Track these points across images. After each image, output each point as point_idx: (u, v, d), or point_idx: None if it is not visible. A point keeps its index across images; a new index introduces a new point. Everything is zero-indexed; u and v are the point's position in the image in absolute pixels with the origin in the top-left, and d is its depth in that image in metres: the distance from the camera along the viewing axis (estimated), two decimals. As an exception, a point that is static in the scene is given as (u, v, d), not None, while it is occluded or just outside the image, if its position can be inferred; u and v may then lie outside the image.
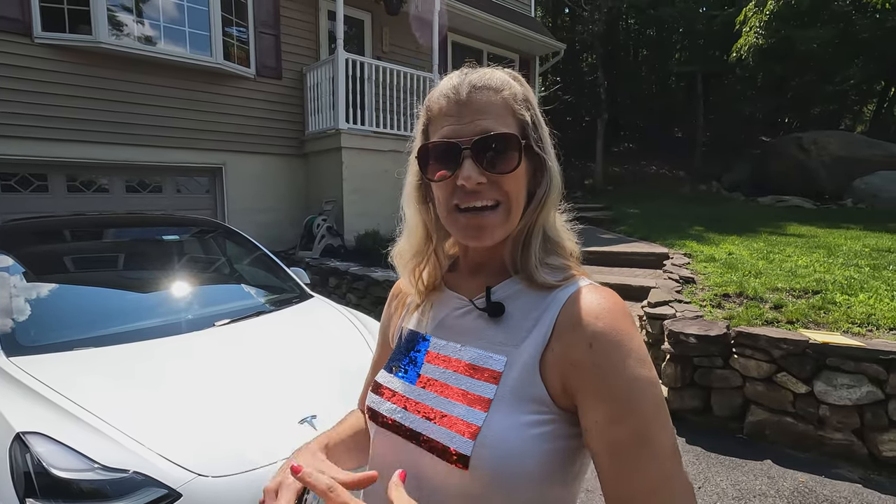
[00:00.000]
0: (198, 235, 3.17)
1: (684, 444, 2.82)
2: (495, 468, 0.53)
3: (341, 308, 2.70)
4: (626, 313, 0.57)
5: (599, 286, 0.61)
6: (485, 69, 0.65)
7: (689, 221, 8.23)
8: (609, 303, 0.57)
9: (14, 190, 5.44)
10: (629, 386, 0.52)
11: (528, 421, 0.54)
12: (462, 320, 0.65)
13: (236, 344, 2.16)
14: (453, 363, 0.62)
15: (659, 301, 3.59)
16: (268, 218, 6.93)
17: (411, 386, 0.64)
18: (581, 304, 0.57)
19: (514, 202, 0.61)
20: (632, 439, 0.50)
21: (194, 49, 6.05)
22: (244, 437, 1.62)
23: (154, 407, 1.66)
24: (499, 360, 0.58)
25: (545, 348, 0.56)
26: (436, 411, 0.59)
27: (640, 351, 0.54)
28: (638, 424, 0.51)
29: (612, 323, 0.55)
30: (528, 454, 0.53)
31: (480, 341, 0.62)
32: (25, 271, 2.33)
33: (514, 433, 0.53)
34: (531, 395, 0.55)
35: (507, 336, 0.60)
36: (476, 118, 0.60)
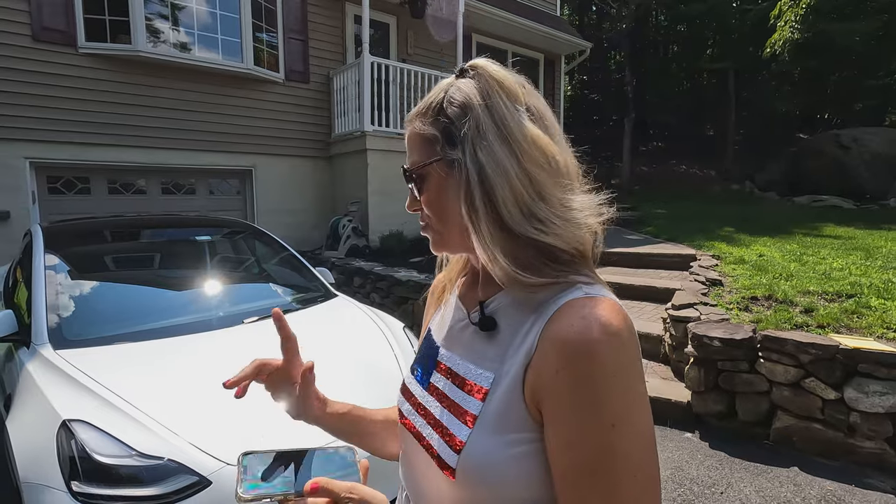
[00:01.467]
0: (228, 236, 3.30)
1: (707, 449, 2.79)
2: (479, 482, 0.55)
3: (364, 307, 2.77)
4: (608, 336, 0.51)
5: (593, 298, 0.54)
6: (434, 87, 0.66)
7: (718, 222, 8.04)
8: (599, 319, 0.51)
9: (59, 192, 5.74)
10: (583, 420, 0.50)
11: (510, 440, 0.55)
12: (462, 333, 0.66)
13: (264, 341, 2.24)
14: (452, 374, 0.64)
15: (683, 303, 3.54)
16: (295, 219, 7.10)
17: (423, 391, 0.68)
18: (561, 323, 0.53)
19: (435, 220, 0.64)
20: (579, 471, 0.50)
21: (226, 55, 6.26)
22: (270, 430, 1.70)
23: (186, 399, 1.76)
24: (487, 378, 0.59)
25: (527, 367, 0.55)
26: (436, 419, 0.62)
27: (605, 378, 0.50)
28: (586, 450, 0.50)
29: (586, 350, 0.50)
30: (509, 471, 0.54)
31: (474, 355, 0.62)
32: (70, 270, 2.48)
33: (496, 451, 0.55)
34: (513, 415, 0.55)
35: (497, 352, 0.59)
36: (409, 150, 0.66)
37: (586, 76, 20.25)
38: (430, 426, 0.63)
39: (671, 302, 3.67)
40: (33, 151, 5.35)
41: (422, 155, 0.63)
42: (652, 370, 3.60)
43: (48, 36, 5.31)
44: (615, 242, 6.87)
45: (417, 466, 0.65)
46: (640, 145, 17.93)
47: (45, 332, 2.08)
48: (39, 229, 2.75)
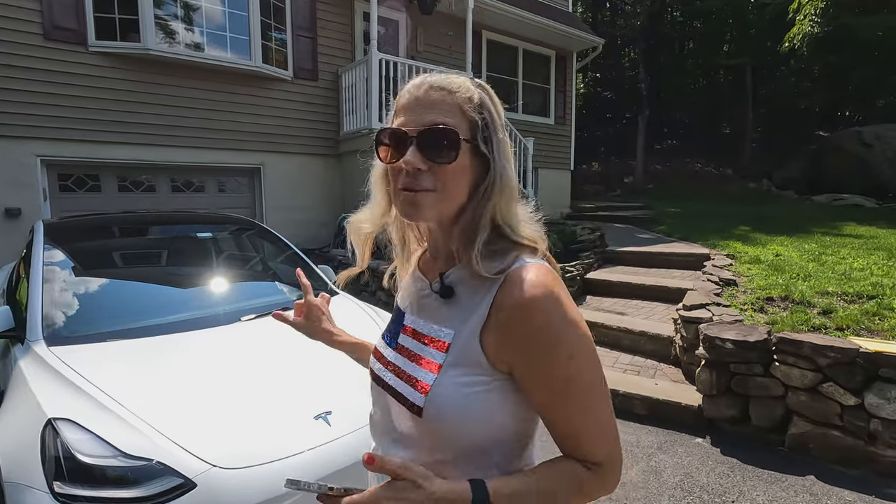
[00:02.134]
0: (229, 233, 3.27)
1: (718, 455, 2.68)
2: (442, 416, 0.67)
3: (363, 305, 2.72)
4: (551, 288, 0.66)
5: (534, 266, 0.68)
6: (450, 75, 0.73)
7: (734, 221, 7.85)
8: (532, 282, 0.66)
9: (70, 190, 5.80)
10: (548, 351, 0.64)
11: (468, 381, 0.67)
12: (425, 300, 0.78)
13: (259, 339, 2.21)
14: (418, 335, 0.76)
15: (695, 304, 3.43)
16: (303, 216, 7.09)
17: (391, 351, 0.79)
18: (510, 285, 0.67)
19: (449, 191, 0.69)
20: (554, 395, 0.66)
21: (235, 53, 6.26)
22: (259, 431, 1.65)
23: (175, 398, 1.72)
24: (448, 334, 0.71)
25: (484, 324, 0.68)
26: (403, 372, 0.74)
27: (558, 320, 0.65)
28: (556, 382, 0.65)
29: (535, 300, 0.64)
30: (468, 407, 0.67)
31: (436, 318, 0.74)
32: (69, 265, 2.46)
33: (456, 390, 0.67)
34: (472, 361, 0.68)
35: (456, 314, 0.72)
36: (426, 112, 0.69)
37: (599, 73, 20.00)
38: (398, 378, 0.74)
39: (682, 302, 3.56)
40: (44, 149, 5.40)
41: (464, 131, 0.69)
42: (662, 372, 3.49)
43: (59, 35, 5.35)
44: (627, 241, 6.74)
45: (390, 416, 0.77)
46: (655, 143, 17.67)
47: (39, 328, 2.06)
48: (41, 225, 2.75)
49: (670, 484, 2.44)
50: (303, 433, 1.68)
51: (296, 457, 1.59)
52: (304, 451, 1.61)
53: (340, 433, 1.72)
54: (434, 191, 0.69)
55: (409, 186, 0.69)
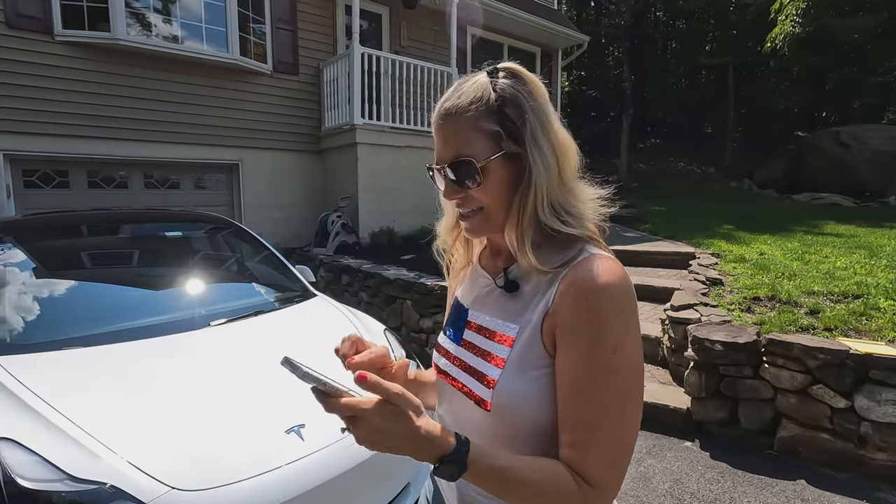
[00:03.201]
0: (201, 232, 3.11)
1: (708, 460, 2.62)
2: (509, 410, 0.69)
3: (342, 307, 2.59)
4: (613, 281, 0.65)
5: (601, 257, 0.68)
6: (464, 85, 0.71)
7: (717, 220, 7.88)
8: (601, 271, 0.65)
9: (36, 186, 5.53)
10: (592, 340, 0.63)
11: (533, 375, 0.68)
12: (489, 296, 0.79)
13: (229, 345, 2.08)
14: (483, 330, 0.77)
15: (683, 304, 3.38)
16: (284, 214, 6.91)
17: (456, 346, 0.80)
18: (574, 274, 0.67)
19: (490, 207, 0.72)
20: (584, 381, 0.63)
21: (211, 45, 6.05)
22: (224, 447, 1.53)
23: (134, 413, 1.58)
24: (513, 328, 0.72)
25: (545, 316, 0.68)
26: (470, 366, 0.75)
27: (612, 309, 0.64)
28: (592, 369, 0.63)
29: (602, 288, 0.64)
30: (533, 399, 0.68)
31: (501, 313, 0.75)
32: (22, 267, 2.29)
33: (521, 384, 0.68)
34: (535, 354, 0.68)
35: (520, 308, 0.72)
36: (446, 145, 0.71)
37: (584, 72, 20.05)
38: (465, 373, 0.76)
39: (670, 302, 3.50)
40: (7, 143, 5.14)
41: (484, 149, 0.69)
42: (650, 374, 3.43)
43: (23, 23, 5.08)
44: (612, 240, 6.68)
45: (457, 409, 0.78)
46: (638, 142, 17.76)
47: (-14, 336, 1.89)
48: (-5, 223, 2.57)
49: (660, 491, 2.37)
50: (273, 448, 1.56)
51: (264, 475, 1.47)
52: (274, 468, 1.49)
53: (314, 448, 1.60)
54: (481, 209, 0.72)
55: (461, 213, 0.75)
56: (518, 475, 0.62)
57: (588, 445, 0.63)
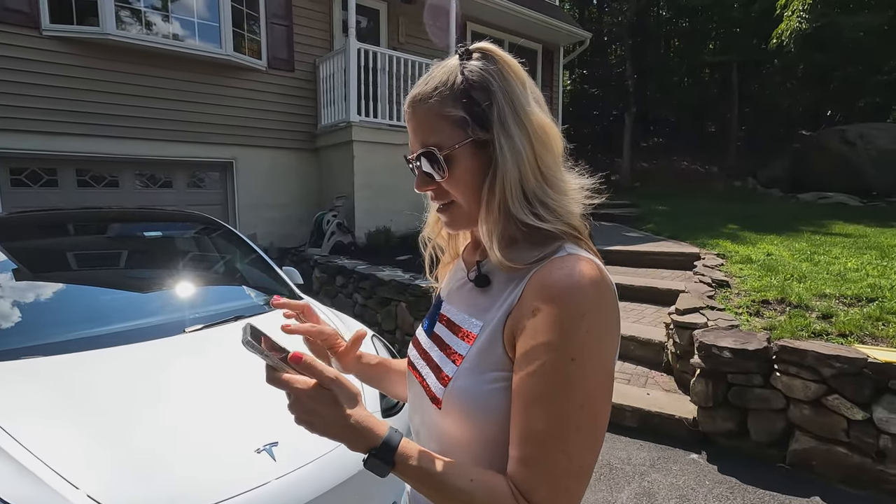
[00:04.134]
0: (183, 232, 2.97)
1: (716, 474, 2.47)
2: (460, 411, 0.63)
3: (327, 311, 2.45)
4: (582, 283, 0.58)
5: (576, 257, 0.61)
6: (434, 70, 0.67)
7: (722, 219, 7.73)
8: (574, 270, 0.59)
9: (24, 185, 5.41)
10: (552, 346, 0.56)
11: (489, 378, 0.62)
12: (462, 289, 0.75)
13: (203, 354, 1.93)
14: (450, 324, 0.72)
15: (688, 308, 3.23)
16: (278, 214, 6.78)
17: (427, 339, 0.76)
18: (542, 273, 0.61)
19: (464, 197, 0.67)
20: (535, 396, 0.56)
21: (203, 41, 5.92)
22: (188, 468, 1.38)
23: (87, 433, 1.43)
24: (476, 325, 0.67)
25: (508, 316, 0.62)
26: (432, 360, 0.72)
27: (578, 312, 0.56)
28: (545, 378, 0.56)
29: (559, 293, 0.58)
30: (487, 403, 0.62)
31: (470, 308, 0.70)
32: (-13, 269, 2.15)
33: (476, 386, 0.63)
34: (494, 357, 0.63)
35: (488, 305, 0.67)
36: (415, 136, 0.67)
37: (586, 70, 19.87)
38: (428, 367, 0.72)
39: (675, 306, 3.35)
40: (-6, 141, 5.01)
41: (449, 136, 0.64)
42: (654, 381, 3.28)
43: (9, 17, 4.95)
44: (614, 240, 6.55)
45: (419, 404, 0.74)
46: (641, 141, 17.58)
47: (-63, 344, 1.76)
48: (-38, 223, 2.43)
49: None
50: (241, 470, 1.42)
51: (230, 501, 1.33)
52: (239, 493, 1.35)
53: (287, 469, 1.46)
54: (454, 201, 0.68)
55: (437, 206, 0.71)
56: (451, 482, 0.58)
57: (535, 463, 0.56)
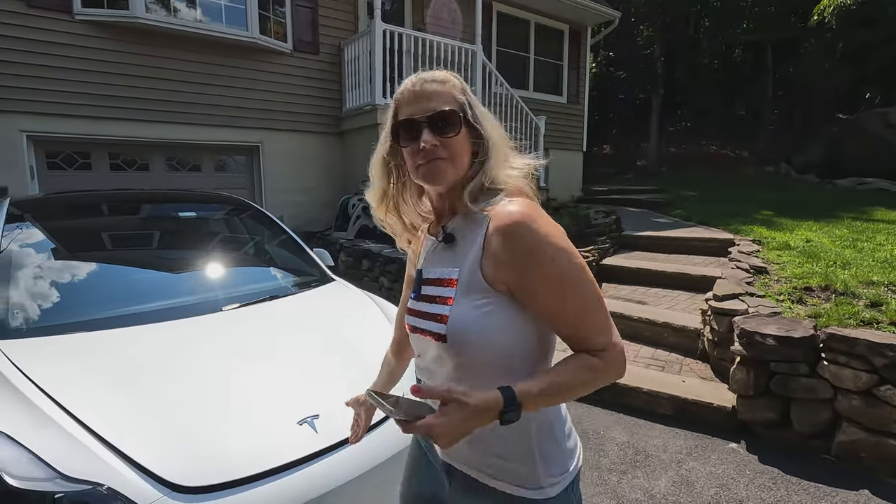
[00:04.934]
0: (217, 213, 2.98)
1: (757, 464, 2.41)
2: (461, 337, 0.82)
3: (361, 292, 2.44)
4: (528, 213, 0.80)
5: (515, 200, 0.84)
6: (435, 71, 0.90)
7: (754, 205, 7.48)
8: (512, 210, 0.81)
9: (60, 168, 5.52)
10: (537, 260, 0.79)
11: (476, 304, 0.82)
12: (434, 253, 0.93)
13: (241, 331, 1.94)
14: (433, 281, 0.90)
15: (727, 294, 3.13)
16: (304, 198, 6.80)
17: (417, 301, 0.93)
18: (496, 217, 0.82)
19: (457, 156, 0.86)
20: (550, 294, 0.79)
21: (230, 23, 5.91)
22: (231, 441, 1.39)
23: (134, 404, 1.45)
24: (455, 272, 0.86)
25: (481, 256, 0.83)
26: (427, 313, 0.89)
27: (539, 234, 0.79)
28: (548, 282, 0.79)
29: (516, 224, 0.80)
30: (482, 325, 0.81)
31: (446, 262, 0.89)
32: (31, 248, 2.19)
33: (468, 311, 0.82)
34: (477, 288, 0.83)
35: (459, 255, 0.87)
36: (428, 102, 0.85)
37: (612, 52, 19.33)
38: (425, 320, 0.89)
39: (713, 292, 3.25)
40: (30, 124, 5.12)
41: (458, 110, 0.87)
42: (688, 368, 3.21)
43: (43, 2, 5.01)
44: (643, 226, 6.40)
45: (426, 356, 0.92)
46: (668, 125, 17.11)
47: (-11, 318, 1.80)
48: (6, 203, 2.48)
49: (705, 498, 2.17)
50: (284, 442, 1.42)
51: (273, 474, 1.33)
52: (283, 464, 1.36)
53: (328, 441, 1.45)
54: (447, 159, 0.85)
55: (426, 158, 0.84)
56: (559, 381, 0.78)
57: (582, 326, 0.80)
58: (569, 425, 0.93)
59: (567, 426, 0.92)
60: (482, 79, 7.08)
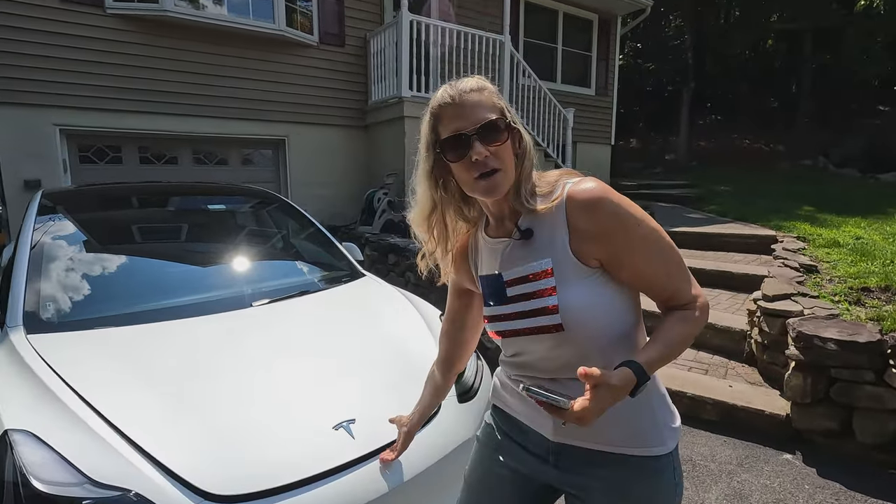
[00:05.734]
0: (246, 206, 2.93)
1: (815, 478, 2.24)
2: (578, 318, 0.85)
3: (393, 288, 2.35)
4: (603, 186, 0.86)
5: (579, 180, 0.88)
6: (465, 79, 0.91)
7: (793, 201, 7.15)
8: (589, 186, 0.86)
9: (91, 161, 5.59)
10: (624, 227, 0.84)
11: (581, 285, 0.86)
12: (512, 252, 0.94)
13: (272, 329, 1.87)
14: (522, 279, 0.91)
15: (778, 294, 2.93)
16: (329, 191, 6.76)
17: (504, 306, 0.94)
18: (574, 196, 0.86)
19: (508, 164, 0.89)
20: (640, 257, 0.86)
21: (257, 16, 5.88)
22: (266, 447, 1.31)
23: (165, 405, 1.38)
24: (546, 262, 0.88)
25: (569, 239, 0.86)
26: (527, 311, 0.90)
27: (620, 203, 0.85)
28: (637, 245, 0.85)
29: (598, 198, 0.84)
30: (591, 303, 0.86)
31: (530, 258, 0.91)
32: (63, 240, 2.16)
33: (577, 296, 0.86)
34: (574, 270, 0.86)
35: (542, 246, 0.89)
36: (473, 113, 0.86)
37: (640, 44, 18.83)
38: (525, 318, 0.91)
39: (761, 291, 3.06)
40: (63, 118, 5.18)
41: (496, 114, 0.87)
42: (734, 372, 3.03)
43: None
44: (675, 221, 6.17)
45: (533, 353, 0.93)
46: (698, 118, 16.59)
47: (19, 312, 1.76)
48: (38, 196, 2.46)
49: (761, 513, 2.02)
50: (319, 447, 1.34)
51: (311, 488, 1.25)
52: (321, 471, 1.27)
53: (366, 449, 1.36)
54: (501, 169, 0.87)
55: (481, 171, 0.86)
56: (670, 340, 0.83)
57: (673, 282, 0.87)
58: (663, 384, 0.99)
59: (663, 385, 0.98)
60: (510, 70, 6.92)
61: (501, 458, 1.05)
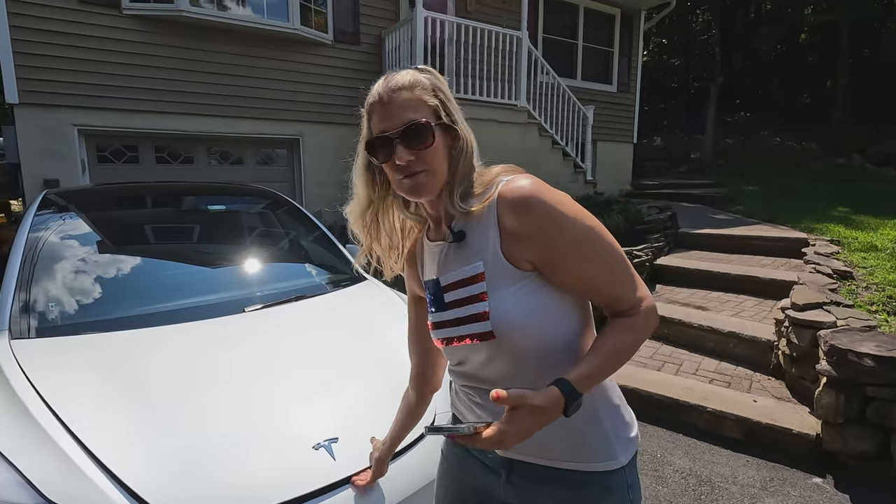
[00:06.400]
0: (244, 206, 2.87)
1: (849, 503, 2.06)
2: (509, 326, 0.80)
3: (393, 293, 2.25)
4: (535, 184, 0.80)
5: (511, 178, 0.82)
6: (400, 73, 0.85)
7: (827, 201, 6.81)
8: (520, 185, 0.80)
9: (109, 161, 5.65)
10: (557, 226, 0.78)
11: (512, 290, 0.81)
12: (448, 256, 0.89)
13: (261, 337, 1.79)
14: (457, 284, 0.87)
15: (808, 302, 2.73)
16: (345, 192, 6.69)
17: (443, 312, 0.90)
18: (505, 195, 0.81)
19: (437, 165, 0.83)
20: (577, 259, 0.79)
21: (271, 15, 5.86)
22: (241, 468, 1.22)
23: (141, 422, 1.30)
24: (478, 266, 0.84)
25: (500, 241, 0.81)
26: (462, 318, 0.86)
27: (552, 202, 0.78)
28: (572, 246, 0.79)
29: (528, 196, 0.78)
30: (521, 307, 0.80)
31: (463, 261, 0.86)
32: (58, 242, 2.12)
33: (507, 301, 0.80)
34: (505, 274, 0.81)
35: (474, 249, 0.85)
36: (399, 114, 0.81)
37: (665, 39, 18.36)
38: (461, 325, 0.86)
39: (790, 299, 2.86)
40: (81, 118, 5.24)
41: (430, 117, 0.82)
42: (759, 385, 2.84)
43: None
44: (701, 223, 5.92)
45: (472, 361, 0.88)
46: (725, 115, 16.07)
47: (6, 316, 1.72)
48: (39, 197, 2.44)
49: (787, 544, 1.86)
50: (297, 469, 1.24)
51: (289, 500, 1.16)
52: (295, 496, 1.18)
53: (347, 471, 1.26)
54: (425, 171, 0.82)
55: (406, 173, 0.82)
56: (609, 353, 0.77)
57: (617, 288, 0.81)
58: (619, 391, 0.93)
59: (619, 392, 0.93)
60: (527, 67, 6.76)
61: (462, 472, 1.03)
